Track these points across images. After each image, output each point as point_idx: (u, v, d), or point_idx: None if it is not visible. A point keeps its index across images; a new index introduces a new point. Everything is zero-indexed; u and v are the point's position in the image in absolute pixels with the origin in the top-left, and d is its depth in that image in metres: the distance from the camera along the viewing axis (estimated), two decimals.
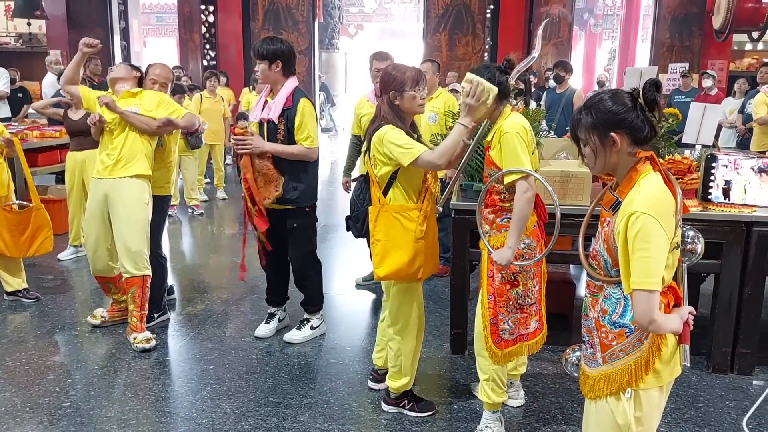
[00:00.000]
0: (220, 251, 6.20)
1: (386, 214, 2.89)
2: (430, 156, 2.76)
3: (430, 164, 2.79)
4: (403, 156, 2.76)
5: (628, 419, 1.87)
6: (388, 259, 2.89)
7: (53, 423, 3.06)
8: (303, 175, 3.75)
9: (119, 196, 3.84)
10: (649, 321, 1.71)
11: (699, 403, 3.32)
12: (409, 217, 2.88)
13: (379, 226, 2.92)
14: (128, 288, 3.89)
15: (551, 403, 3.31)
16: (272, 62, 3.66)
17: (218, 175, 8.70)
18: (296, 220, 3.83)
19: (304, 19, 12.75)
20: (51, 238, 4.68)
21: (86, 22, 11.82)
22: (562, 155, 3.99)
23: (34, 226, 4.56)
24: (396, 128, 2.82)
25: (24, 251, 4.57)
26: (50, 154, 6.56)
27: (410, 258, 2.88)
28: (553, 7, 11.73)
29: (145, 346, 3.83)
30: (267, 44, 3.67)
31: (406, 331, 3.04)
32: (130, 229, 3.84)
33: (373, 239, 2.95)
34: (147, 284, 3.91)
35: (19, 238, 4.51)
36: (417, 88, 2.88)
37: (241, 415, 3.15)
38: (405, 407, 3.16)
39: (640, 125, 1.81)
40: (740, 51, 12.28)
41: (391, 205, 2.89)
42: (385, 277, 2.95)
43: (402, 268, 2.89)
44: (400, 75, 2.87)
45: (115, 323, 4.20)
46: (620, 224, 1.76)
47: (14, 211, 4.52)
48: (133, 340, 3.86)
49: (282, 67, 3.69)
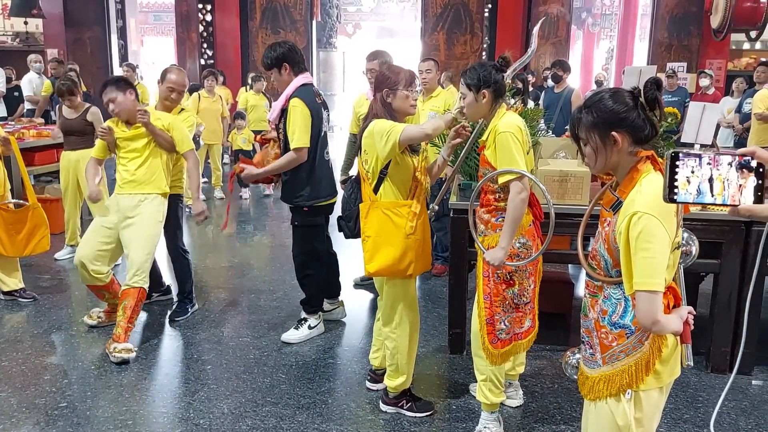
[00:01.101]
0: (217, 251, 6.18)
1: (377, 211, 2.91)
2: (417, 128, 2.84)
3: (419, 135, 2.81)
4: (389, 139, 2.77)
5: (628, 420, 1.86)
6: (379, 255, 2.91)
7: (49, 423, 3.04)
8: (298, 177, 3.76)
9: (136, 212, 3.85)
10: (653, 322, 1.70)
11: (698, 403, 3.32)
12: (399, 213, 2.89)
13: (370, 222, 2.93)
14: (123, 299, 3.79)
15: (550, 403, 3.30)
16: (280, 67, 3.72)
17: (216, 175, 8.68)
18: (297, 218, 3.88)
19: (301, 17, 12.73)
20: (48, 237, 4.66)
21: (83, 20, 11.80)
22: (560, 155, 3.98)
23: (31, 225, 4.54)
24: (384, 120, 2.86)
25: (21, 250, 4.54)
26: (47, 153, 6.54)
27: (400, 254, 2.88)
28: (552, 6, 11.72)
29: (124, 356, 3.66)
30: (270, 53, 3.73)
31: (400, 329, 3.04)
32: (140, 245, 3.83)
33: (364, 236, 2.97)
34: (141, 297, 3.83)
35: (15, 237, 4.48)
36: (410, 88, 2.91)
37: (238, 415, 3.14)
38: (403, 407, 3.15)
39: (641, 124, 1.80)
40: (738, 50, 12.29)
41: (382, 202, 2.90)
42: (375, 273, 2.96)
43: (392, 264, 2.90)
44: (393, 75, 2.92)
45: (113, 324, 4.16)
46: (622, 224, 1.74)
47: (11, 210, 4.50)
48: (113, 349, 3.67)
49: (291, 68, 3.74)
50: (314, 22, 13.41)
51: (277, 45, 3.76)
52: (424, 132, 2.81)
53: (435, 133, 2.86)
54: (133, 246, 3.83)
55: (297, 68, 3.75)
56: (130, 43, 13.25)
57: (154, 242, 3.92)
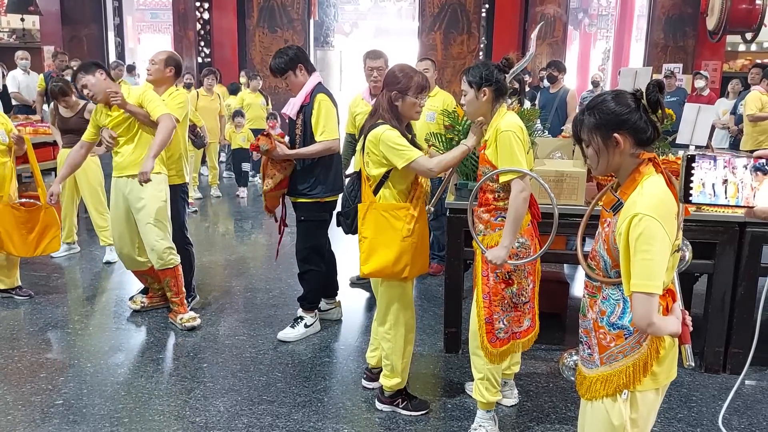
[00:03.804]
0: (214, 249, 6.18)
1: (375, 212, 2.91)
2: (428, 162, 2.83)
3: (425, 170, 2.84)
4: (398, 158, 2.79)
5: (624, 420, 1.87)
6: (374, 257, 2.92)
7: (45, 421, 3.04)
8: (315, 171, 3.81)
9: (137, 195, 3.94)
10: (648, 324, 1.71)
11: (692, 403, 3.34)
12: (397, 216, 2.89)
13: (367, 223, 2.93)
14: (163, 278, 4.11)
15: (545, 402, 3.31)
16: (295, 69, 3.79)
17: (212, 173, 8.68)
18: (303, 213, 3.92)
19: (299, 16, 12.72)
20: (59, 238, 4.69)
21: (80, 18, 11.77)
22: (556, 155, 4.00)
23: (42, 225, 4.53)
24: (392, 128, 2.84)
25: (31, 250, 4.53)
26: (43, 151, 6.52)
27: (396, 256, 2.88)
28: (548, 7, 11.74)
29: (193, 324, 4.09)
30: (282, 57, 3.79)
31: (395, 330, 3.05)
32: (150, 229, 3.98)
33: (361, 236, 2.97)
34: (179, 272, 4.11)
35: (27, 237, 4.47)
36: (420, 95, 2.90)
37: (234, 413, 3.15)
38: (399, 406, 3.16)
39: (643, 126, 1.80)
40: (734, 52, 12.31)
41: (380, 204, 2.91)
42: (370, 274, 2.97)
43: (387, 266, 2.90)
44: (406, 79, 2.89)
45: (155, 308, 4.35)
46: (622, 226, 1.75)
47: (22, 210, 4.49)
48: (180, 320, 4.09)
49: (305, 68, 3.82)
50: (311, 21, 13.38)
51: (287, 49, 3.85)
52: (431, 171, 2.85)
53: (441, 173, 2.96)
54: (148, 234, 3.99)
55: (309, 67, 3.86)
56: (127, 40, 13.23)
57: (165, 223, 4.04)
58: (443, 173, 3.14)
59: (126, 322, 4.25)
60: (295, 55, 3.78)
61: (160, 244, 3.99)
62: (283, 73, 3.79)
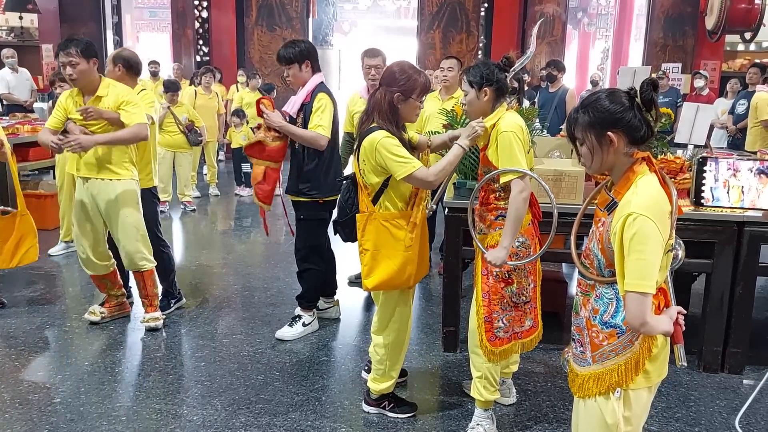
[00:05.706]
0: (212, 248, 6.17)
1: (375, 222, 2.82)
2: (425, 174, 2.70)
3: (423, 182, 2.72)
4: (397, 169, 2.68)
5: (617, 418, 1.87)
6: (378, 270, 2.83)
7: (42, 419, 3.04)
8: (317, 170, 3.80)
9: (110, 200, 3.83)
10: (641, 323, 1.71)
11: (690, 402, 3.34)
12: (398, 225, 2.81)
13: (368, 234, 2.84)
14: (136, 281, 4.08)
15: (543, 401, 3.31)
16: (302, 63, 3.77)
17: (211, 172, 8.67)
18: (303, 211, 3.91)
19: (297, 15, 12.70)
20: (36, 248, 4.36)
21: (78, 16, 11.73)
22: (555, 154, 4.00)
23: (18, 234, 4.26)
24: (390, 135, 2.72)
25: (7, 261, 4.27)
26: (41, 149, 6.51)
27: (400, 267, 2.82)
28: (547, 6, 11.73)
29: (152, 325, 4.02)
30: (293, 48, 3.75)
31: (394, 338, 3.00)
32: (126, 233, 3.91)
33: (362, 248, 2.87)
34: (149, 276, 4.06)
35: (2, 247, 4.24)
36: (421, 98, 2.84)
37: (232, 412, 3.14)
38: (386, 408, 3.13)
39: (637, 125, 1.80)
40: (733, 52, 12.31)
41: (381, 213, 2.81)
42: (375, 287, 2.88)
43: (392, 277, 2.83)
44: (411, 80, 2.76)
45: (114, 319, 4.21)
46: (617, 225, 1.75)
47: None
48: (143, 319, 4.05)
49: (311, 65, 3.80)
50: (310, 20, 13.36)
51: (300, 41, 3.82)
52: (431, 183, 2.75)
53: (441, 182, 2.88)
54: (122, 238, 3.92)
55: (316, 66, 3.85)
56: (126, 39, 13.16)
57: (139, 226, 3.95)
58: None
59: (123, 320, 4.24)
60: (306, 50, 3.76)
61: (135, 248, 3.93)
62: (289, 63, 3.74)
